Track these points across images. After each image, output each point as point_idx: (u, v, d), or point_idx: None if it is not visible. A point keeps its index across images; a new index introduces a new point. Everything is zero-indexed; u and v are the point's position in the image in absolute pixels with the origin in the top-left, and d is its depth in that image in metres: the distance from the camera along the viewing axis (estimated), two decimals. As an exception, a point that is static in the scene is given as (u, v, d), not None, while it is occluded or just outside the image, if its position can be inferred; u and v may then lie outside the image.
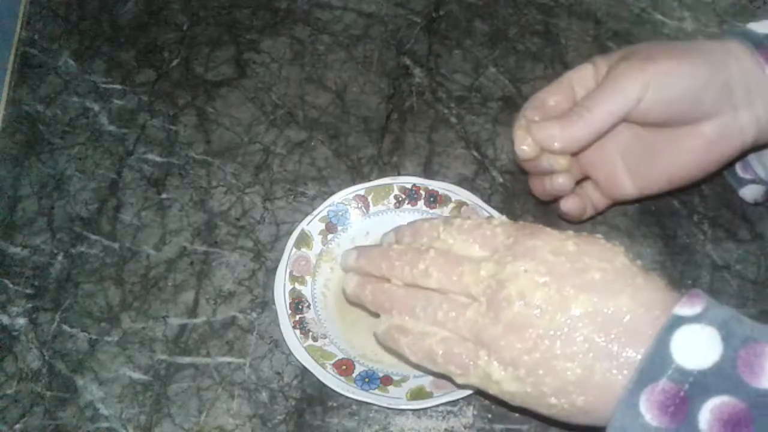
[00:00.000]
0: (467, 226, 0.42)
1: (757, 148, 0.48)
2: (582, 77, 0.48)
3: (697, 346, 0.34)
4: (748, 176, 0.53)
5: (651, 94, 0.44)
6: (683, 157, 0.47)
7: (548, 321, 0.36)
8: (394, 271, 0.43)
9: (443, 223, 0.43)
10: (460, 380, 0.40)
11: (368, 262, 0.44)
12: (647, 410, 0.34)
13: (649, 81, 0.44)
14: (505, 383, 0.38)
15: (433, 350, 0.40)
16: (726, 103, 0.44)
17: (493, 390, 0.39)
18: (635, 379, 0.34)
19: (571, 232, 0.40)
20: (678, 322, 0.34)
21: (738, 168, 0.53)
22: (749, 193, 0.54)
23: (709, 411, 0.33)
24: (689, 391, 0.33)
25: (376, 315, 0.44)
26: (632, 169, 0.49)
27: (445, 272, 0.40)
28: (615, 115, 0.45)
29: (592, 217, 0.53)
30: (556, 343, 0.36)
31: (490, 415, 0.48)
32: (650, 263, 0.53)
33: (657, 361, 0.34)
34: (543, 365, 0.36)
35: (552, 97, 0.49)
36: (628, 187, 0.50)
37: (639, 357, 0.35)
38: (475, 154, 0.58)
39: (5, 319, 0.52)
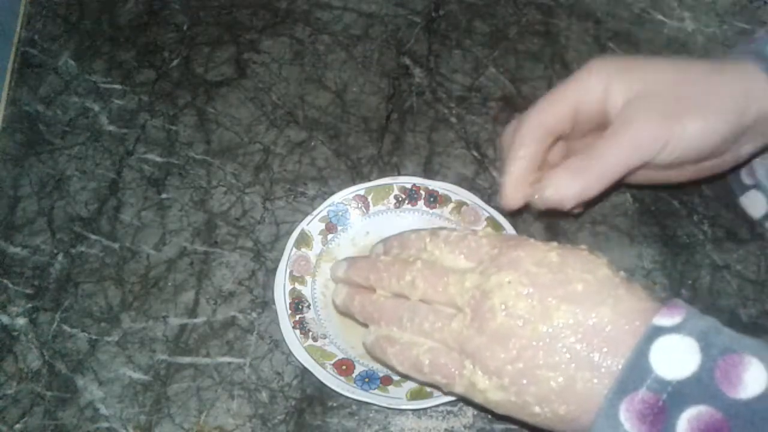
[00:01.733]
0: (453, 237, 0.42)
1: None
2: (588, 94, 0.45)
3: (676, 357, 0.34)
4: (750, 181, 0.52)
5: (668, 152, 0.43)
6: (674, 176, 0.47)
7: (531, 331, 0.37)
8: (381, 282, 0.43)
9: (430, 235, 0.43)
10: (446, 389, 0.41)
11: (357, 273, 0.45)
12: (626, 419, 0.34)
13: (669, 141, 0.42)
14: (490, 392, 0.38)
15: (420, 360, 0.41)
16: (735, 145, 0.44)
17: (478, 399, 0.39)
18: (615, 388, 0.34)
19: (554, 244, 0.40)
20: (657, 332, 0.35)
21: (743, 172, 0.53)
22: (750, 201, 0.53)
23: (686, 421, 0.33)
24: (667, 401, 0.33)
25: (365, 325, 0.45)
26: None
27: (431, 283, 0.41)
28: (629, 169, 0.43)
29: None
30: (539, 353, 0.36)
31: (490, 415, 0.48)
32: (650, 263, 0.53)
33: (636, 371, 0.34)
34: (526, 375, 0.37)
35: (553, 119, 0.45)
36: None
37: (619, 367, 0.35)
38: (475, 154, 0.58)
39: (5, 319, 0.52)
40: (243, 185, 0.57)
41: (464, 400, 0.45)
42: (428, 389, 0.47)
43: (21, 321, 0.52)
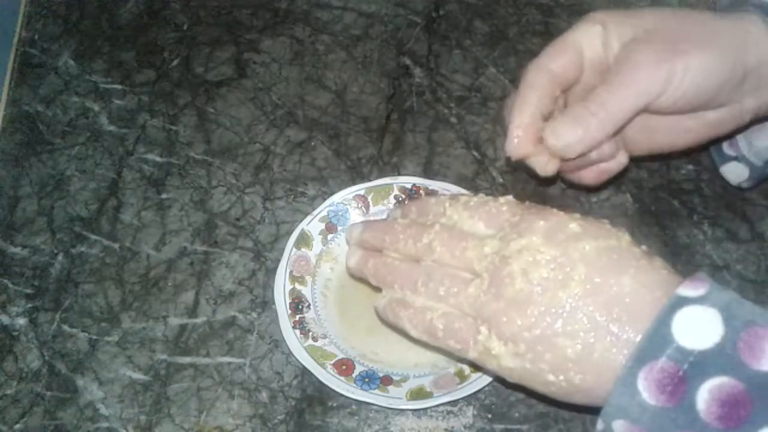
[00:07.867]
0: (473, 203, 0.42)
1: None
2: (590, 42, 0.44)
3: (699, 327, 0.34)
4: (731, 152, 0.52)
5: (671, 92, 0.42)
6: (679, 135, 0.46)
7: (550, 298, 0.37)
8: (397, 244, 0.43)
9: (449, 200, 0.43)
10: (459, 355, 0.40)
11: (372, 235, 0.45)
12: (645, 388, 0.34)
13: (672, 76, 0.41)
14: (505, 358, 0.38)
15: (434, 325, 0.40)
16: (737, 93, 0.43)
17: (491, 365, 0.39)
18: (634, 356, 0.34)
19: (577, 215, 0.40)
20: (680, 302, 0.34)
21: (725, 145, 0.52)
22: (730, 171, 0.53)
23: (707, 391, 0.33)
24: (688, 371, 0.33)
25: (378, 290, 0.44)
26: (620, 139, 0.47)
27: (449, 247, 0.41)
28: (633, 112, 0.42)
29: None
30: (558, 320, 0.36)
31: (490, 415, 0.48)
32: (650, 263, 0.53)
33: (657, 339, 0.34)
34: (543, 342, 0.37)
35: (557, 63, 0.45)
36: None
37: (639, 336, 0.35)
38: (475, 154, 0.58)
39: (5, 319, 0.52)
40: (243, 185, 0.57)
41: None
42: (428, 389, 0.47)
43: (21, 321, 0.52)
